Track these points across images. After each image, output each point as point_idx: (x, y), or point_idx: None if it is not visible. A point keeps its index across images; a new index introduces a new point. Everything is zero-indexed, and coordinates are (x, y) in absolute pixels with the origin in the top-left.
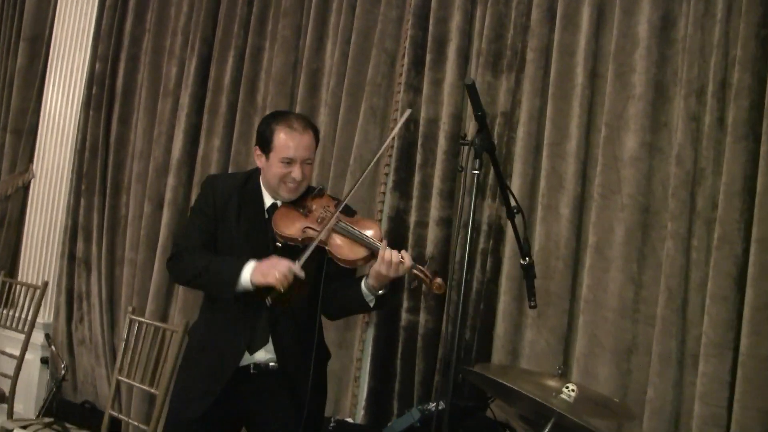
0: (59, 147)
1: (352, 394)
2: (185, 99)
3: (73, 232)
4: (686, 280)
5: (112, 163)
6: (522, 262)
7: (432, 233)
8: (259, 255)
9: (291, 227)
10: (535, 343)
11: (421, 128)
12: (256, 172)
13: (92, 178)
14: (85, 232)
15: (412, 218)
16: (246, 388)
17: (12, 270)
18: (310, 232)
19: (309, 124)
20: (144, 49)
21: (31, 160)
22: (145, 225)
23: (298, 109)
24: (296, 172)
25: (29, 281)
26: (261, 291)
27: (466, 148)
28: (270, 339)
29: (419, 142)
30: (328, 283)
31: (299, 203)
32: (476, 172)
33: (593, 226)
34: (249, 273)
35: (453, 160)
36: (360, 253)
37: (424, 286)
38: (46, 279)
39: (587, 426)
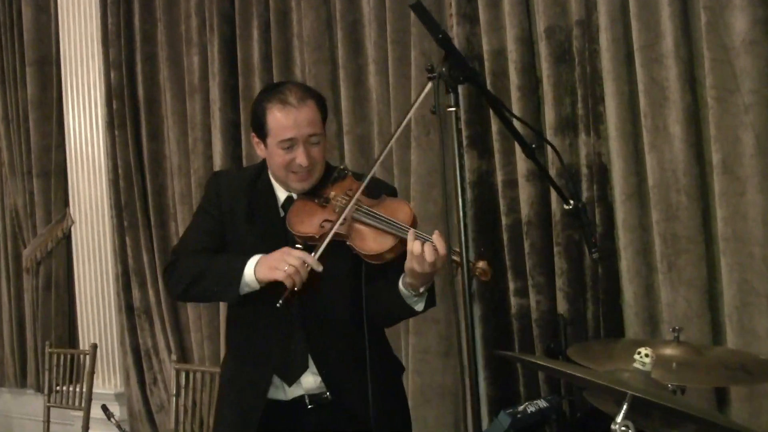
0: (94, 181)
1: (472, 408)
2: (215, 91)
3: (125, 280)
4: None
5: (150, 187)
6: (566, 206)
7: (524, 192)
8: None
9: (307, 223)
10: (674, 304)
11: (486, 64)
12: (265, 166)
13: (133, 211)
14: (138, 276)
15: (498, 177)
16: (302, 426)
17: (71, 338)
18: (328, 226)
19: (308, 92)
20: (159, 44)
21: (66, 203)
22: None
23: (343, 76)
24: (301, 157)
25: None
26: (271, 290)
27: (436, 83)
28: (311, 362)
29: (488, 82)
30: (367, 285)
31: (317, 192)
32: (452, 109)
33: (714, 141)
34: (253, 266)
35: (532, 97)
36: (386, 243)
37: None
38: (94, 341)
39: (665, 403)
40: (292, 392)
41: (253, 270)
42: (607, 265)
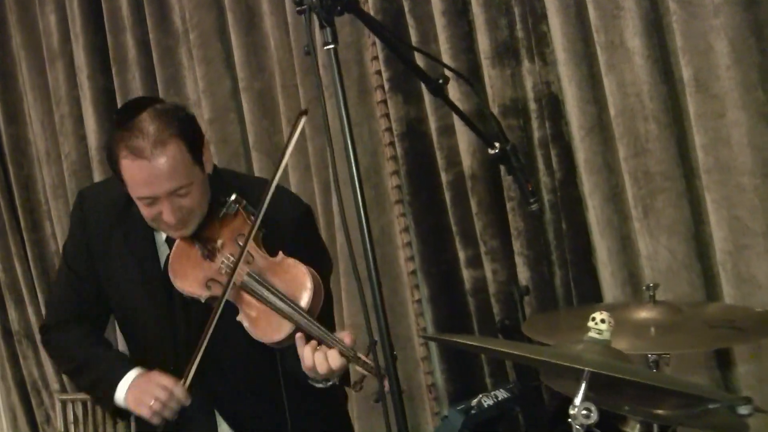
0: None
1: (431, 412)
2: (80, 55)
3: None
4: None
5: (15, 180)
6: (491, 151)
7: (464, 139)
8: (165, 319)
9: (191, 279)
10: (655, 256)
11: None
12: None
13: None
14: (13, 293)
15: (432, 125)
16: None
17: None
18: (216, 290)
19: (167, 128)
20: (6, 5)
21: None
22: None
23: (232, 21)
24: (167, 214)
25: None
26: None
27: (306, 17)
28: (221, 419)
29: (405, 7)
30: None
31: (202, 236)
32: (330, 47)
33: (682, 53)
34: (125, 391)
35: (460, 22)
36: (282, 329)
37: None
38: None
39: (627, 377)
40: None
41: (125, 395)
42: (573, 217)
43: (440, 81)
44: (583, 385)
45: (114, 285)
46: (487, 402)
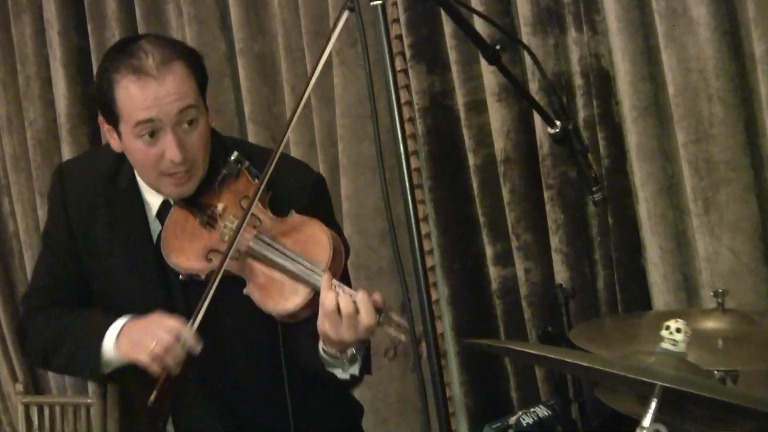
0: None
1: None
2: (51, 7)
3: None
4: None
5: None
6: (550, 130)
7: (497, 116)
8: (156, 301)
9: (189, 253)
10: (715, 258)
11: None
12: None
13: None
14: None
15: (459, 99)
16: None
17: None
18: (216, 261)
19: (173, 49)
20: None
21: None
22: None
23: None
24: (171, 149)
25: None
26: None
27: None
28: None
29: None
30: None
31: (200, 201)
32: (378, 2)
33: (755, 26)
34: (115, 336)
35: None
36: (297, 296)
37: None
38: None
39: (711, 395)
40: None
41: (114, 342)
42: (621, 210)
43: (497, 47)
44: (654, 404)
45: (100, 270)
46: (527, 420)
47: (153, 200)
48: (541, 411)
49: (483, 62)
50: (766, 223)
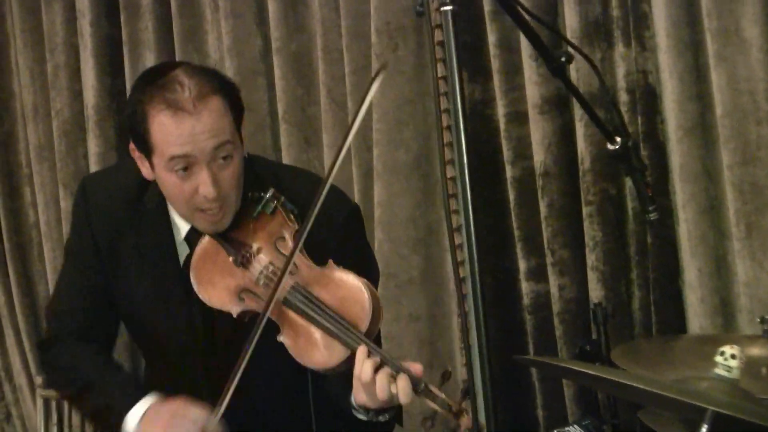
0: None
1: None
2: None
3: None
4: None
5: None
6: (610, 146)
7: (537, 129)
8: (184, 328)
9: (219, 288)
10: (756, 283)
11: None
12: None
13: None
14: None
15: (500, 110)
16: None
17: None
18: (251, 304)
19: (210, 82)
20: None
21: None
22: (68, 226)
23: None
24: (205, 185)
25: None
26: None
27: None
28: None
29: None
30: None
31: (233, 237)
32: (448, 8)
33: None
34: (137, 421)
35: None
36: (334, 354)
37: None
38: None
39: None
40: None
41: (136, 425)
42: (660, 231)
43: (563, 59)
44: (704, 429)
45: (124, 288)
46: None
47: (181, 224)
48: (576, 430)
49: (527, 73)
50: None
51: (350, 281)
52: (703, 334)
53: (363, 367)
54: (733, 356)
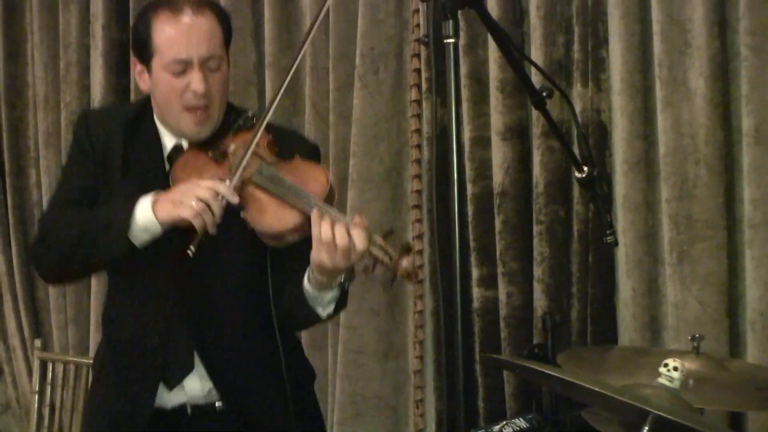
0: None
1: (414, 428)
2: (98, 1)
3: None
4: None
5: (5, 122)
6: (578, 174)
7: (499, 153)
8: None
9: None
10: (683, 305)
11: None
12: (151, 102)
13: None
14: None
15: (466, 134)
16: None
17: None
18: None
19: (205, 2)
20: None
21: None
22: None
23: None
24: (196, 81)
25: None
26: (176, 235)
27: (424, 5)
28: (199, 361)
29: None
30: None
31: (212, 143)
32: (450, 41)
33: (747, 102)
34: (150, 204)
35: (515, 32)
36: (288, 219)
37: (382, 271)
38: None
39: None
40: (171, 399)
41: (151, 207)
42: (601, 252)
43: (544, 94)
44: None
45: (107, 190)
46: (508, 431)
47: (167, 142)
48: (520, 422)
49: (493, 103)
50: (733, 280)
51: (312, 166)
52: (633, 346)
53: (321, 227)
54: (675, 368)
